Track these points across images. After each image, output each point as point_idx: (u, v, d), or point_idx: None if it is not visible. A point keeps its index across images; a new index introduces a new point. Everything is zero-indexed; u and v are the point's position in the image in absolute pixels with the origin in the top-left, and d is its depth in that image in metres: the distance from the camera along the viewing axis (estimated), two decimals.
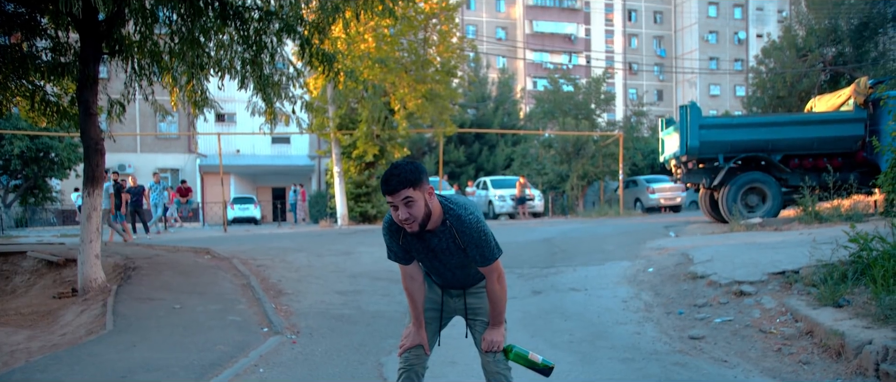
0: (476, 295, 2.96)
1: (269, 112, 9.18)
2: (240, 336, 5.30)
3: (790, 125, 12.05)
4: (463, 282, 2.91)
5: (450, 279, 2.89)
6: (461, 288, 2.94)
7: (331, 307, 6.68)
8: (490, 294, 2.80)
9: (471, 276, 2.88)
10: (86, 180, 7.00)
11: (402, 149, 19.20)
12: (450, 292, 2.97)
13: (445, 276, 2.87)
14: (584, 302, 6.88)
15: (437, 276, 2.91)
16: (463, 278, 2.88)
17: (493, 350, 2.82)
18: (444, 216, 2.66)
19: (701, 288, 6.93)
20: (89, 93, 6.95)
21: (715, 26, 60.36)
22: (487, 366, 2.85)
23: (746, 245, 8.65)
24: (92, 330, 5.49)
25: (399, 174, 2.51)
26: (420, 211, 2.55)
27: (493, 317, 2.85)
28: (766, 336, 5.36)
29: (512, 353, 2.83)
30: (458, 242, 2.67)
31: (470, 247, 2.67)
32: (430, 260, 2.78)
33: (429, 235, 2.67)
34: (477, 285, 2.94)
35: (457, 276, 2.86)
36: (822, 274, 6.12)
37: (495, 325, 2.86)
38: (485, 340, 2.84)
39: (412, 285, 2.86)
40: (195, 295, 6.72)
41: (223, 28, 7.85)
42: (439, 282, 2.95)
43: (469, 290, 2.95)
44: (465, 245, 2.67)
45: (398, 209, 2.54)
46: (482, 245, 2.67)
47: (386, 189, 2.52)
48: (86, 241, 6.84)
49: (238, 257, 9.40)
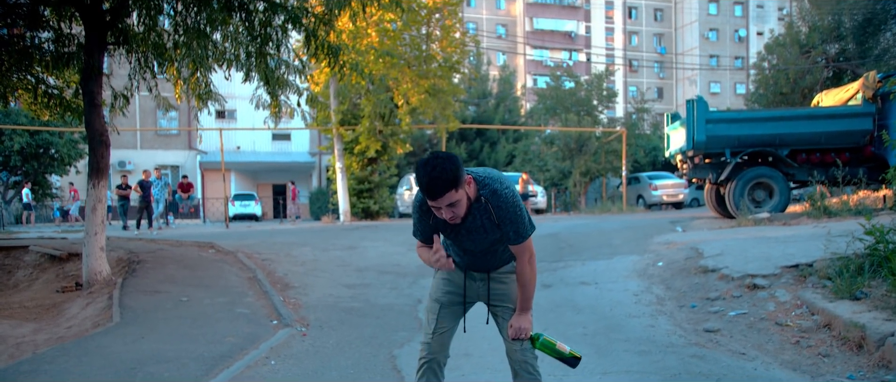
0: (501, 280, 2.82)
1: (274, 105, 9.09)
2: (249, 329, 5.22)
3: (798, 119, 11.96)
4: (489, 265, 2.79)
5: (476, 261, 2.77)
6: (485, 271, 2.81)
7: (339, 300, 6.60)
8: (520, 276, 2.68)
9: (498, 258, 2.77)
10: (90, 172, 6.91)
11: (405, 144, 19.11)
12: (473, 275, 2.83)
13: (473, 255, 2.74)
14: (594, 296, 6.81)
15: (463, 256, 2.78)
16: (490, 260, 2.77)
17: (521, 338, 2.70)
18: (478, 192, 2.55)
19: (713, 281, 6.86)
20: (94, 84, 6.86)
21: (715, 24, 60.29)
22: (513, 355, 2.76)
23: (756, 239, 8.58)
24: (98, 323, 5.40)
25: (441, 177, 2.31)
26: (463, 208, 2.45)
27: (522, 302, 2.71)
28: (782, 329, 5.29)
29: (539, 341, 2.71)
30: (492, 219, 2.56)
31: (505, 223, 2.56)
32: (461, 239, 2.67)
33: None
34: (502, 268, 2.82)
35: (485, 258, 2.75)
36: (837, 266, 6.05)
37: (523, 311, 2.72)
38: (512, 327, 2.71)
39: (424, 251, 2.71)
40: (202, 288, 6.63)
41: (228, 19, 7.75)
42: (463, 264, 2.82)
43: (494, 274, 2.82)
44: (500, 220, 2.56)
45: (441, 210, 2.42)
46: (517, 220, 2.56)
47: (430, 197, 2.36)
48: (90, 234, 6.76)
49: (243, 251, 9.32)
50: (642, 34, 61.66)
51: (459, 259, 2.79)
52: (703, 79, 59.22)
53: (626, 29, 60.90)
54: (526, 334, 2.71)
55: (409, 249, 10.06)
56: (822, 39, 24.10)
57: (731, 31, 60.57)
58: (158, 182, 17.17)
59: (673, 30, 62.36)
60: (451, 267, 2.54)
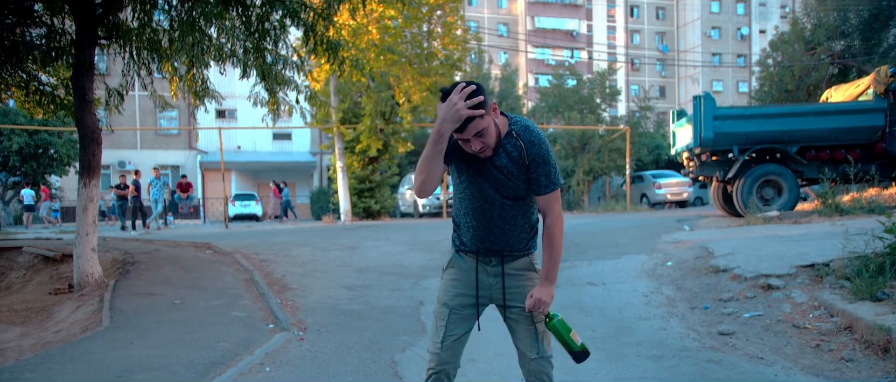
0: (517, 275, 2.51)
1: (273, 102, 8.88)
2: (244, 333, 5.00)
3: (807, 116, 11.71)
4: (504, 240, 2.48)
5: (490, 232, 2.47)
6: (500, 253, 2.49)
7: (339, 302, 6.37)
8: (549, 233, 2.44)
9: (516, 228, 2.48)
10: (82, 170, 6.69)
11: (406, 143, 18.88)
12: (486, 262, 2.51)
13: (489, 216, 2.44)
14: (603, 297, 6.59)
15: (476, 226, 2.48)
16: (507, 231, 2.47)
17: (539, 311, 2.42)
18: (509, 126, 2.41)
19: (725, 281, 6.63)
20: (85, 80, 6.64)
21: (717, 22, 60.04)
22: (527, 364, 2.50)
23: (768, 237, 8.35)
24: (87, 327, 5.19)
25: (467, 82, 2.26)
26: (493, 138, 2.31)
27: (547, 269, 2.43)
28: (800, 332, 5.06)
29: (554, 320, 2.45)
30: (523, 156, 2.37)
31: (535, 164, 2.37)
32: (481, 184, 2.41)
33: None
34: (518, 252, 2.52)
35: (501, 227, 2.46)
36: (855, 266, 5.83)
37: (548, 282, 2.42)
38: (531, 297, 2.41)
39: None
40: (196, 290, 6.42)
41: (224, 14, 7.54)
42: (475, 240, 2.50)
43: (509, 262, 2.51)
44: (531, 160, 2.37)
45: (470, 143, 2.28)
46: (548, 162, 2.39)
47: (458, 127, 2.24)
48: (82, 234, 6.54)
49: (240, 252, 9.11)
50: (644, 32, 61.42)
51: (471, 232, 2.50)
52: (706, 77, 58.96)
53: (627, 27, 60.65)
54: (544, 308, 2.42)
55: (411, 249, 9.85)
56: (827, 36, 23.84)
57: (734, 29, 60.30)
58: (157, 182, 16.96)
59: (675, 28, 62.10)
60: (466, 113, 2.22)
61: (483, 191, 2.42)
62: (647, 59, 60.24)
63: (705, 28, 59.50)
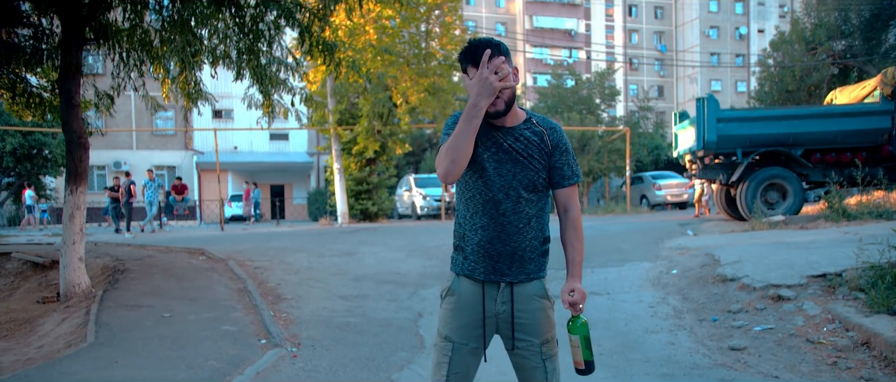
0: (528, 301, 2.24)
1: (267, 104, 8.66)
2: (234, 350, 4.78)
3: (812, 118, 11.52)
4: (517, 241, 2.22)
5: (499, 234, 2.21)
6: (508, 269, 2.22)
7: (334, 314, 6.15)
8: (574, 225, 2.29)
9: (531, 228, 2.25)
10: (68, 177, 6.46)
11: (404, 144, 18.66)
12: (493, 287, 2.24)
13: (502, 210, 2.21)
14: (607, 308, 6.38)
15: (490, 210, 2.22)
16: (518, 232, 2.22)
17: (577, 308, 2.19)
18: (527, 114, 2.32)
19: (733, 291, 6.42)
20: (71, 83, 6.40)
21: (716, 21, 59.86)
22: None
23: (775, 244, 8.15)
24: (71, 343, 4.96)
25: (489, 41, 2.16)
26: (512, 85, 2.17)
27: (577, 265, 2.25)
28: (815, 348, 4.85)
29: (578, 324, 2.20)
30: (545, 142, 2.24)
31: (559, 151, 2.25)
32: (498, 169, 2.21)
33: (505, 133, 2.24)
34: (530, 273, 2.25)
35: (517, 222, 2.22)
36: (869, 276, 5.62)
37: (577, 276, 2.23)
38: (572, 291, 2.18)
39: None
40: (187, 301, 6.19)
41: (217, 14, 7.32)
42: (484, 239, 2.22)
43: (519, 287, 2.23)
44: (554, 146, 2.25)
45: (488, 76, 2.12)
46: (570, 151, 2.28)
47: (473, 56, 2.15)
48: (68, 243, 6.31)
49: (234, 258, 8.88)
50: (642, 32, 61.22)
51: (479, 234, 2.24)
52: (704, 77, 58.80)
53: (626, 27, 60.45)
54: (579, 306, 2.19)
55: (409, 254, 9.63)
56: (828, 36, 23.68)
57: (732, 29, 60.13)
58: (151, 183, 16.71)
59: (673, 27, 61.93)
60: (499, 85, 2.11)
61: (498, 177, 2.22)
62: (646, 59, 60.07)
63: (704, 27, 59.34)
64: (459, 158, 2.13)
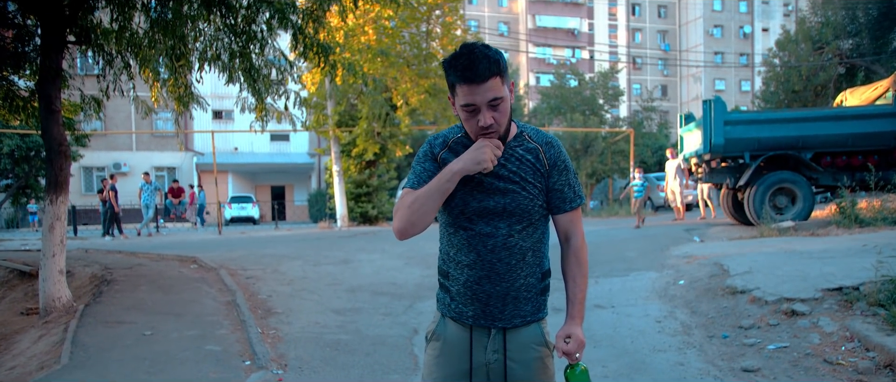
0: (522, 346, 1.93)
1: (260, 108, 8.39)
2: (215, 373, 4.49)
3: (822, 120, 11.17)
4: (509, 281, 1.90)
5: (493, 258, 1.88)
6: (501, 305, 1.90)
7: (325, 330, 5.87)
8: (576, 256, 1.95)
9: (526, 265, 1.91)
10: (48, 185, 6.19)
11: (404, 146, 18.38)
12: (482, 329, 1.92)
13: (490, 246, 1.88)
14: (612, 323, 6.08)
15: (477, 246, 1.88)
16: (513, 266, 1.90)
17: (574, 358, 1.87)
18: (519, 128, 1.96)
19: (743, 305, 6.12)
20: (51, 88, 6.12)
21: (720, 20, 59.48)
22: None
23: (786, 253, 7.84)
24: (44, 364, 4.69)
25: (486, 55, 1.76)
26: (505, 116, 1.83)
27: (578, 305, 1.93)
28: (834, 369, 4.55)
29: (576, 372, 1.88)
30: (541, 159, 1.90)
31: (557, 170, 1.92)
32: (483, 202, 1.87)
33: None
34: (526, 316, 1.93)
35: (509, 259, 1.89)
36: (889, 291, 5.32)
37: (578, 317, 1.92)
38: (568, 337, 1.88)
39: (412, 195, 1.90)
40: (171, 317, 5.91)
41: (207, 15, 7.04)
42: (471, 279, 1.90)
43: (513, 334, 1.92)
44: (552, 164, 1.91)
45: (481, 113, 1.79)
46: (571, 169, 1.95)
47: (471, 76, 1.75)
48: (48, 255, 6.03)
49: (226, 267, 8.61)
50: (646, 31, 60.88)
51: (465, 273, 1.91)
52: (708, 76, 58.43)
53: (629, 26, 60.12)
54: (577, 355, 1.87)
55: (407, 263, 9.34)
56: (834, 35, 23.32)
57: (736, 28, 59.75)
58: (148, 186, 16.46)
59: (677, 26, 61.56)
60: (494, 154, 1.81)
61: (484, 211, 1.87)
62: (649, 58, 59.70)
63: (707, 26, 58.96)
64: (420, 223, 1.82)
